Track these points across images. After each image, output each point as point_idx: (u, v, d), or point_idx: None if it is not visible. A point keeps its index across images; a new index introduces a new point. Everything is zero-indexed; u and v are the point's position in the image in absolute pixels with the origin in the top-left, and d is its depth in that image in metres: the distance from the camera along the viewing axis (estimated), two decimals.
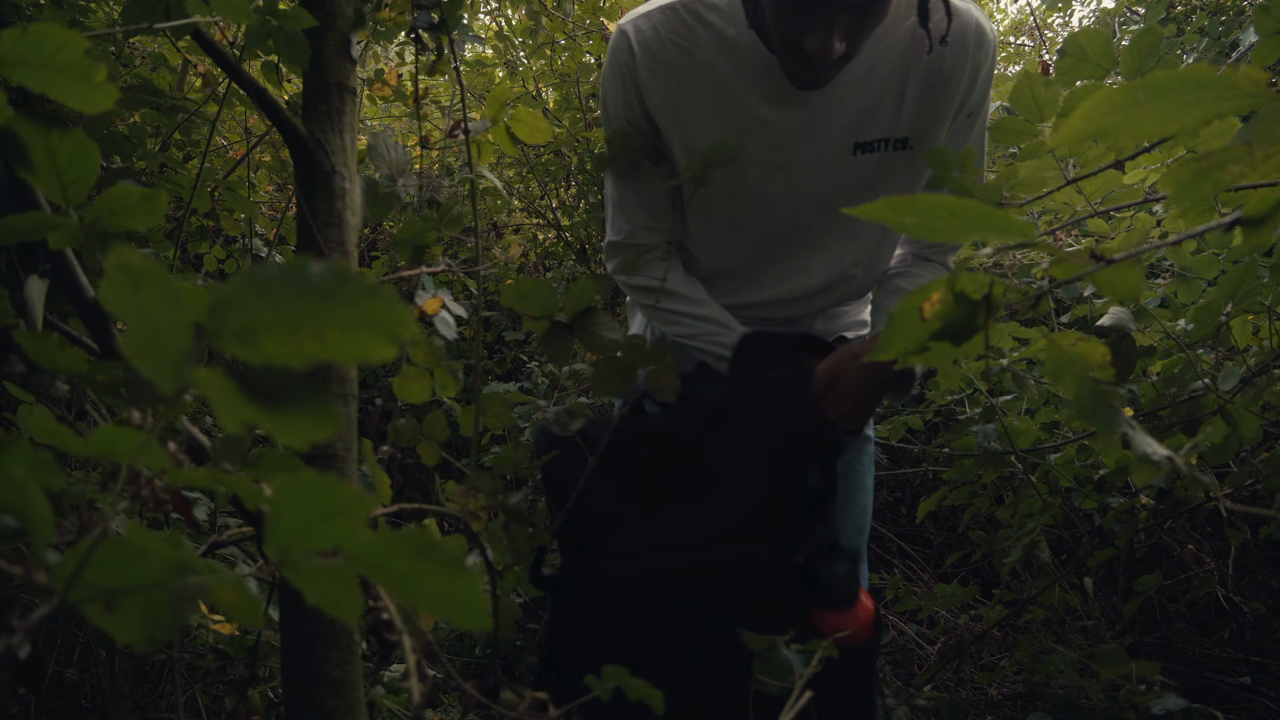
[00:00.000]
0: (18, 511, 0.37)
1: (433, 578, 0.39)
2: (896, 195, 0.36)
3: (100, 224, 0.63)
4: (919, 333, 0.39)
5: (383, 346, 0.34)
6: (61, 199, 0.61)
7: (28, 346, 0.69)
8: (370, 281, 0.34)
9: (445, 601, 0.39)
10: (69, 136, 0.57)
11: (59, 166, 0.59)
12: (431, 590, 0.38)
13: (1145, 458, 0.47)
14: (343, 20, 0.91)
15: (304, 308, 0.34)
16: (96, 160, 0.59)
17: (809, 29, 1.01)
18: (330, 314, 0.34)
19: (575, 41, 2.97)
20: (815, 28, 1.00)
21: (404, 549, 0.38)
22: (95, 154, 0.59)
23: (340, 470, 0.83)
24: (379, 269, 2.92)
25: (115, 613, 0.36)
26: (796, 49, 1.04)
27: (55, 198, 0.61)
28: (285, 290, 0.33)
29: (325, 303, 0.33)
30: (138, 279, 0.34)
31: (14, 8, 1.19)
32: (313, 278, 0.33)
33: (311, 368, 0.35)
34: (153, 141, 1.92)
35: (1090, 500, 1.73)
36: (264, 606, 0.89)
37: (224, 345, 0.35)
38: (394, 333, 0.34)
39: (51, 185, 0.60)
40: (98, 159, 0.59)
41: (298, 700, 0.77)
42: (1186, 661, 2.05)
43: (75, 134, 0.57)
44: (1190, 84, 0.32)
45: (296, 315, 0.34)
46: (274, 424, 0.36)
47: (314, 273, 0.33)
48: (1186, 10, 3.76)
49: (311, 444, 0.37)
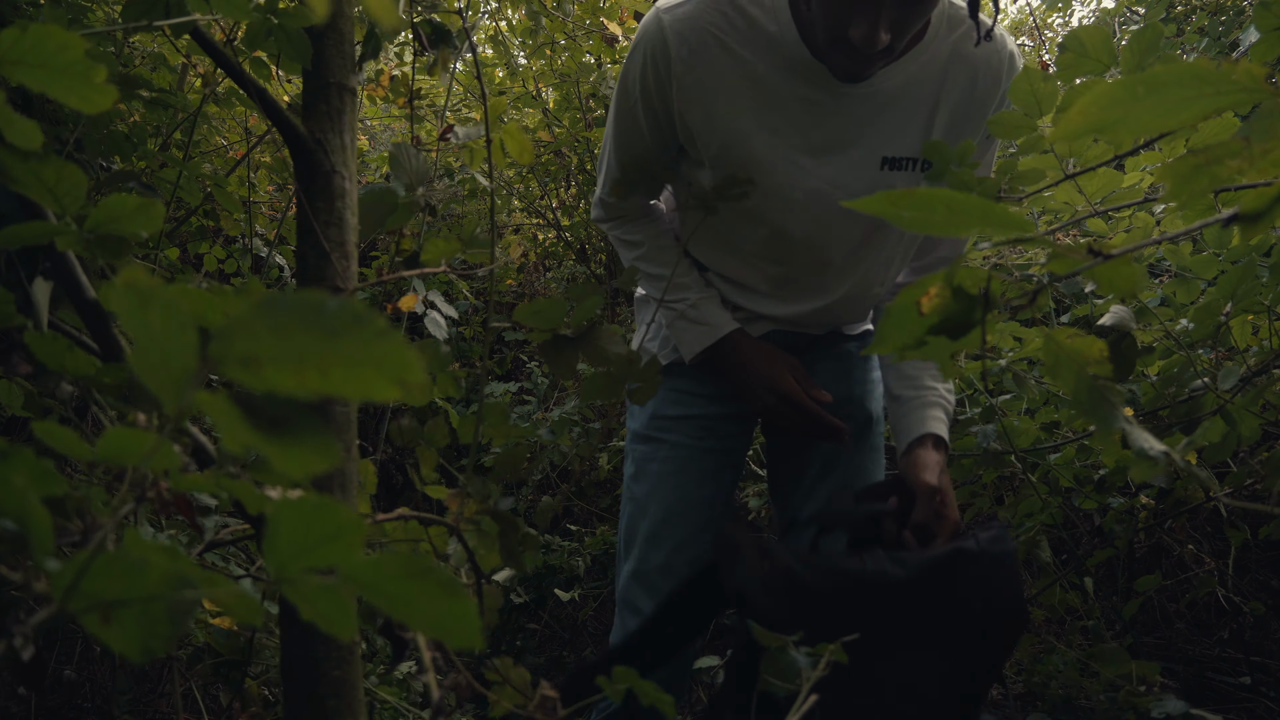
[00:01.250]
0: (18, 519, 0.37)
1: (427, 599, 0.39)
2: None
3: (100, 230, 0.63)
4: (916, 327, 0.39)
5: (387, 388, 0.35)
6: (58, 208, 0.61)
7: (36, 348, 0.69)
8: (381, 324, 0.34)
9: (439, 622, 0.39)
10: (48, 162, 0.58)
11: (48, 184, 0.59)
12: (426, 611, 0.39)
13: (1143, 453, 0.47)
14: (343, 20, 0.91)
15: (311, 342, 0.34)
16: (81, 176, 0.60)
17: (855, 19, 1.00)
18: (337, 352, 0.34)
19: (575, 41, 2.97)
20: (861, 17, 1.00)
21: (399, 570, 0.39)
22: (78, 172, 0.60)
23: (341, 472, 0.83)
24: (380, 269, 2.92)
25: (112, 623, 0.36)
26: (841, 39, 1.03)
27: (52, 209, 0.61)
28: (295, 323, 0.33)
29: (333, 340, 0.33)
30: (146, 299, 0.34)
31: (13, 6, 1.20)
32: (325, 313, 0.33)
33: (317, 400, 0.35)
34: (153, 141, 1.92)
35: (1090, 500, 1.73)
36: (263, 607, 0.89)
37: (228, 371, 0.35)
38: (399, 376, 0.34)
39: (46, 199, 0.60)
40: (82, 175, 0.60)
41: (297, 700, 0.77)
42: (1186, 661, 2.05)
43: (51, 159, 0.58)
44: (1189, 79, 0.32)
45: (303, 348, 0.34)
46: (274, 452, 0.37)
47: (328, 308, 0.33)
48: (1186, 10, 3.76)
49: (309, 475, 0.37)
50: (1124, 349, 1.14)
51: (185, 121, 1.82)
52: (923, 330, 0.39)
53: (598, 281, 3.59)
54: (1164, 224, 1.35)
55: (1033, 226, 0.35)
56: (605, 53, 2.99)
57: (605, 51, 2.96)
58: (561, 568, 2.34)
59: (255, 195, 2.32)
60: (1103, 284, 0.37)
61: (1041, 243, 0.36)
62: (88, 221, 0.62)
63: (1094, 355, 0.43)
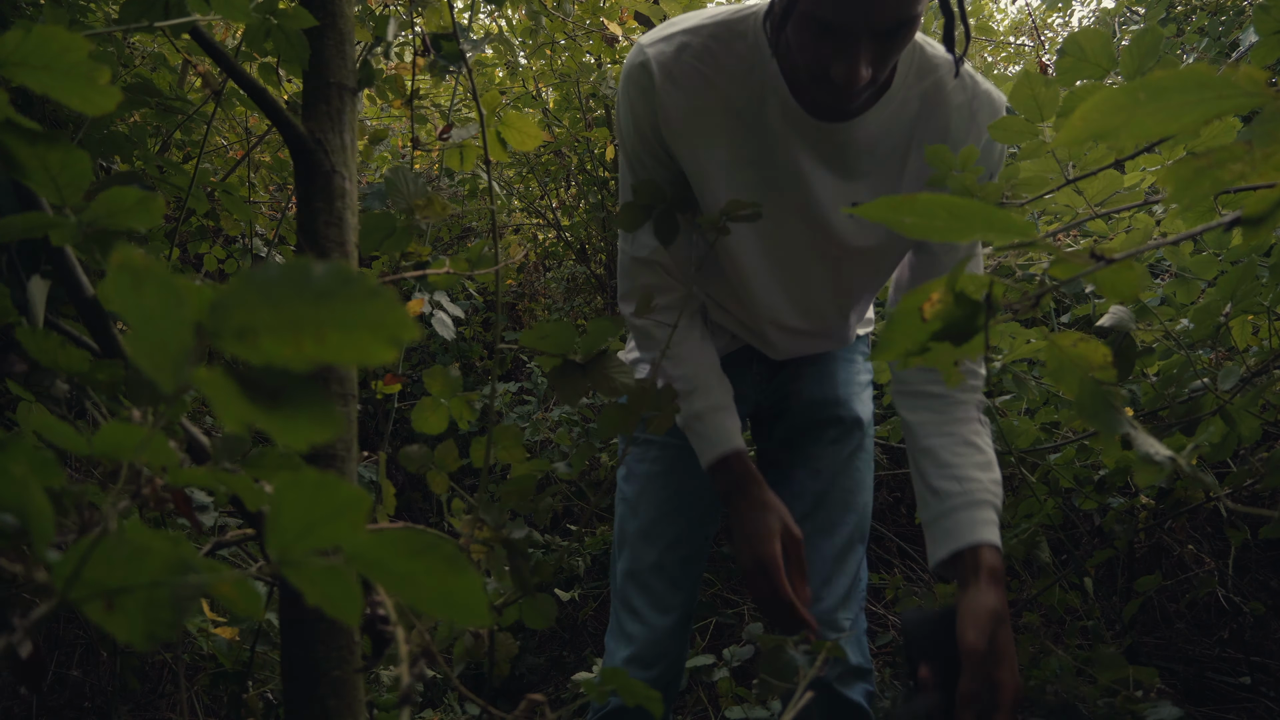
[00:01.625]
0: (18, 510, 0.37)
1: (432, 576, 0.39)
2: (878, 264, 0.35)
3: (99, 223, 0.63)
4: (919, 333, 0.39)
5: (383, 349, 0.34)
6: (58, 199, 0.61)
7: (30, 345, 0.69)
8: (372, 283, 0.34)
9: (445, 600, 0.39)
10: (56, 145, 0.57)
11: (52, 171, 0.59)
12: (431, 589, 0.38)
13: (1148, 458, 0.47)
14: (343, 20, 0.91)
15: (304, 308, 0.33)
16: (87, 164, 0.59)
17: (835, 56, 0.99)
18: (331, 315, 0.33)
19: (575, 41, 2.97)
20: (841, 55, 0.98)
21: (403, 547, 0.38)
22: (85, 159, 0.59)
23: (340, 470, 0.83)
24: (379, 269, 2.92)
25: (115, 611, 0.36)
26: (823, 77, 1.02)
27: (52, 199, 0.61)
28: (286, 290, 0.33)
29: (326, 303, 0.33)
30: (140, 278, 0.34)
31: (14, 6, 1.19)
32: (314, 278, 0.33)
33: (313, 369, 0.35)
34: (153, 141, 1.92)
35: (1090, 501, 1.73)
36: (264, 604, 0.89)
37: (224, 345, 0.35)
38: (394, 335, 0.34)
39: (47, 188, 0.60)
40: (88, 163, 0.60)
41: (298, 700, 0.77)
42: (1186, 661, 2.05)
43: (61, 142, 0.57)
44: (1191, 84, 0.32)
45: (297, 315, 0.34)
46: (274, 425, 0.36)
47: (315, 273, 0.33)
48: (1186, 10, 3.76)
49: (312, 445, 0.37)
50: (1123, 349, 1.14)
51: (186, 122, 1.82)
52: (926, 336, 0.39)
53: (597, 281, 3.59)
54: (1164, 224, 1.35)
55: (1035, 230, 0.35)
56: (605, 53, 2.99)
57: (605, 51, 2.96)
58: (561, 568, 2.34)
59: (255, 195, 2.32)
60: (1104, 288, 0.37)
61: (1044, 247, 0.36)
62: (86, 214, 0.62)
63: (1098, 361, 0.43)
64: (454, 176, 3.04)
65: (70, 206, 0.62)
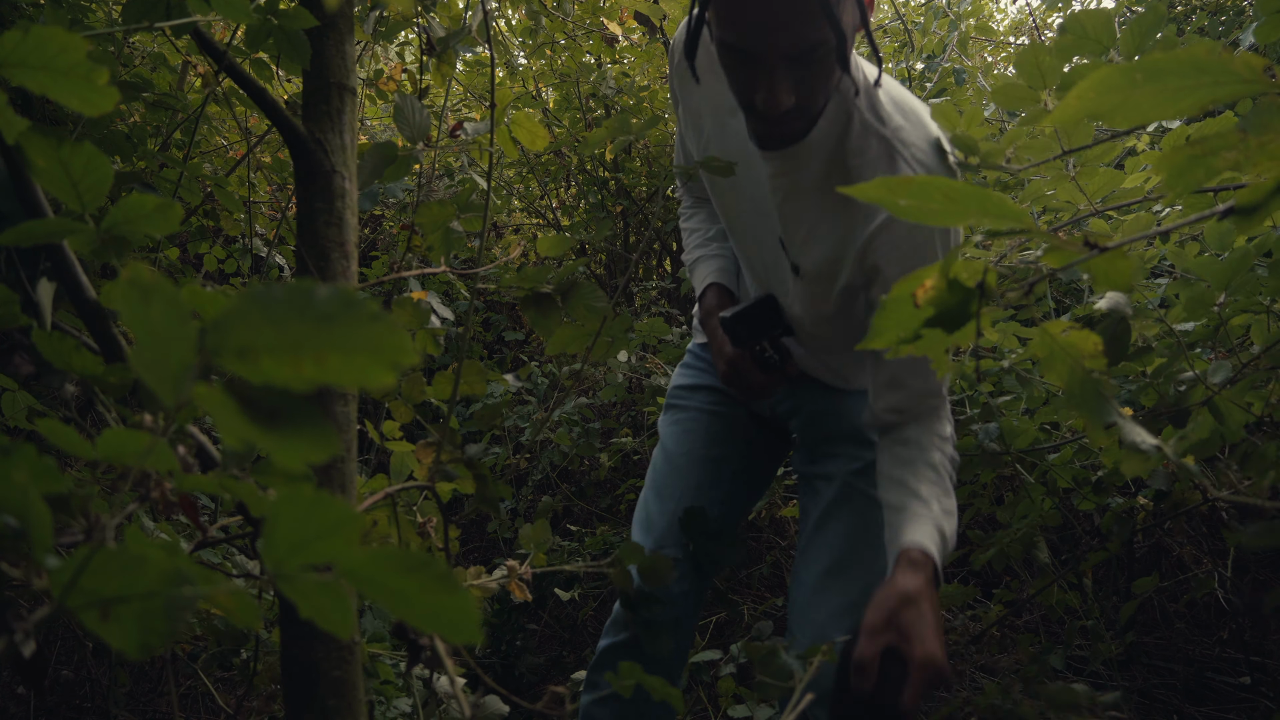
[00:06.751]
0: (19, 515, 0.38)
1: (424, 594, 0.39)
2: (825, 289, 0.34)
3: (116, 229, 0.63)
4: (911, 320, 0.39)
5: (383, 373, 0.34)
6: (78, 205, 0.61)
7: (44, 347, 0.69)
8: (374, 308, 0.34)
9: (437, 617, 0.39)
10: (80, 149, 0.57)
11: (73, 176, 0.59)
12: (423, 606, 0.39)
13: (1134, 447, 0.47)
14: (343, 20, 0.91)
15: (306, 330, 0.34)
16: (109, 170, 0.60)
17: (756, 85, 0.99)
18: (332, 338, 0.34)
19: (575, 41, 2.97)
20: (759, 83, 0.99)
21: (396, 565, 0.38)
22: (107, 164, 0.59)
23: (340, 469, 0.83)
24: (379, 269, 2.92)
25: (110, 620, 0.36)
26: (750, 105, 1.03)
27: (72, 205, 0.61)
28: (289, 311, 0.34)
29: (327, 326, 0.34)
30: (149, 293, 0.34)
31: (13, 6, 1.20)
32: (317, 300, 0.33)
33: (312, 390, 0.35)
34: (153, 141, 1.92)
35: (1089, 501, 1.73)
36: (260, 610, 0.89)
37: (225, 363, 0.35)
38: (394, 360, 0.34)
39: (67, 193, 0.60)
40: (110, 169, 0.60)
41: (298, 700, 0.77)
42: (1186, 661, 2.05)
43: (85, 146, 0.58)
44: (1188, 67, 0.32)
45: (298, 337, 0.34)
46: (272, 444, 0.37)
47: (318, 295, 0.33)
48: (1186, 10, 3.77)
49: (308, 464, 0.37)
50: (1118, 334, 1.13)
51: (185, 122, 1.82)
52: (918, 323, 0.39)
53: (597, 282, 3.59)
54: (1165, 224, 1.35)
55: (1029, 217, 0.34)
56: (605, 53, 2.99)
57: (605, 51, 2.97)
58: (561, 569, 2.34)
59: (255, 195, 2.33)
60: (1098, 277, 0.37)
61: (1040, 235, 0.36)
62: (105, 220, 0.62)
63: (1088, 349, 0.43)
64: (453, 176, 3.04)
65: (89, 212, 0.62)
